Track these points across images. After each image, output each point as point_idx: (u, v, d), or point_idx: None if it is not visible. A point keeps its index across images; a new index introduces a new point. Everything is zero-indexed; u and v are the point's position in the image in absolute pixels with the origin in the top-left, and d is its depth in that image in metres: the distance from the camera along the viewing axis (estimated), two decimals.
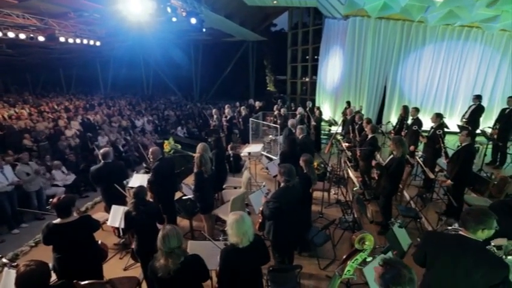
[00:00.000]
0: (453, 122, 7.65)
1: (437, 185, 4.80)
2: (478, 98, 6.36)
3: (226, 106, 9.85)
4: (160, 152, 4.31)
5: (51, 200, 2.81)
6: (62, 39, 8.07)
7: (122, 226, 3.54)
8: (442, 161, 5.23)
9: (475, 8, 6.22)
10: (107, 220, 3.81)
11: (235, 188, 5.05)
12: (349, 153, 5.56)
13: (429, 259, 1.95)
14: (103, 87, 21.64)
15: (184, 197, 3.82)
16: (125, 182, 4.86)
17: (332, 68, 11.54)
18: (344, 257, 1.66)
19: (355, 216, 4.19)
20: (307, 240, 3.67)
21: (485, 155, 5.57)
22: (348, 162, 5.01)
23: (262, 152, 6.69)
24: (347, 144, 5.80)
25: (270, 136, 8.23)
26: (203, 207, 3.82)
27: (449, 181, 4.04)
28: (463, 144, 4.02)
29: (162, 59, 19.67)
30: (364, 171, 5.15)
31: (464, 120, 6.14)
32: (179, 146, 6.07)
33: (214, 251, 2.57)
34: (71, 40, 8.40)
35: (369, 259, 1.56)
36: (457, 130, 6.46)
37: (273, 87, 22.82)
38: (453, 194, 3.97)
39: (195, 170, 3.69)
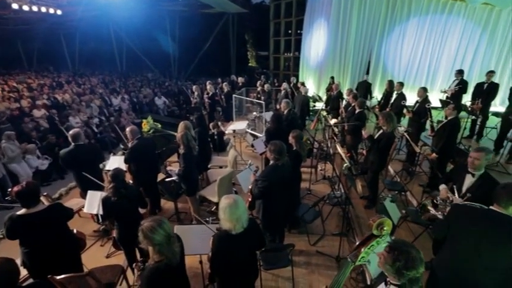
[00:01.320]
0: (433, 97, 7.78)
1: (420, 159, 4.92)
2: (461, 73, 6.44)
3: (207, 82, 9.36)
4: (138, 131, 3.98)
5: (9, 189, 2.49)
6: (14, 6, 7.05)
7: (100, 213, 3.30)
8: (424, 135, 5.33)
9: None
10: (83, 207, 3.52)
11: (220, 167, 4.87)
12: (336, 129, 5.49)
13: (453, 232, 1.91)
14: (70, 63, 19.84)
15: (167, 179, 3.58)
16: (101, 165, 4.53)
17: (316, 43, 11.20)
18: (357, 243, 1.56)
19: (345, 191, 4.19)
20: (297, 217, 3.64)
21: (464, 128, 5.73)
22: (335, 137, 4.94)
23: (247, 130, 6.48)
24: (335, 120, 5.72)
25: (254, 113, 7.97)
26: (189, 188, 3.63)
27: (434, 154, 4.10)
28: (449, 118, 4.05)
29: (136, 33, 18.18)
30: (351, 146, 5.13)
31: (446, 95, 6.22)
32: (159, 125, 5.69)
33: (205, 234, 2.42)
34: (25, 7, 7.37)
35: (384, 244, 1.47)
36: (439, 105, 6.59)
37: (254, 63, 22.10)
38: (437, 166, 4.06)
39: (182, 150, 3.43)
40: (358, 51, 9.40)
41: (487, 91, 5.70)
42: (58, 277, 2.07)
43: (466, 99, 6.51)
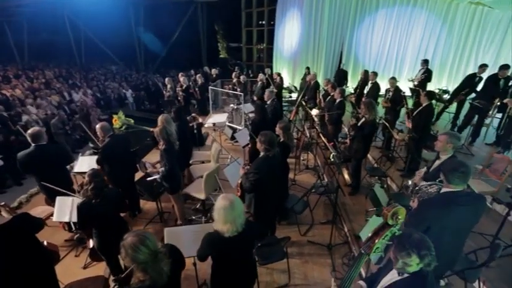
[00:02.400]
0: (401, 85, 8.19)
1: (396, 145, 5.16)
2: (426, 62, 6.83)
3: (180, 74, 8.90)
4: (109, 128, 3.62)
5: None
6: None
7: (74, 220, 2.96)
8: (399, 122, 5.59)
9: None
10: (51, 215, 3.13)
11: (202, 162, 4.65)
12: (316, 119, 5.52)
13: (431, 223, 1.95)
14: (18, 55, 17.67)
15: (149, 178, 3.30)
16: (68, 167, 4.07)
17: (289, 33, 11.17)
18: (370, 234, 1.51)
19: (336, 180, 4.23)
20: (287, 208, 3.60)
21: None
22: (317, 128, 4.96)
23: (227, 123, 6.28)
24: (315, 110, 5.75)
25: (232, 105, 7.76)
26: (172, 186, 3.39)
27: (401, 135, 4.29)
28: (424, 104, 4.24)
29: (95, 22, 16.63)
30: (333, 135, 5.20)
31: (414, 83, 6.55)
32: (132, 121, 5.28)
33: (198, 234, 2.25)
34: None
35: (398, 233, 1.44)
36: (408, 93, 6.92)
37: (226, 54, 21.58)
38: (414, 151, 4.26)
39: (162, 146, 3.17)
40: (331, 41, 9.55)
41: (476, 83, 6.05)
42: None
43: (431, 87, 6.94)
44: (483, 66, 5.20)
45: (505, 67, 5.06)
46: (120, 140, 3.70)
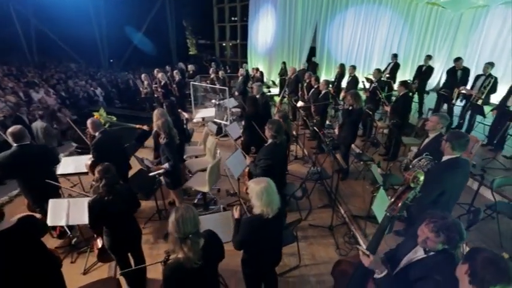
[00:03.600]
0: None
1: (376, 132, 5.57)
2: (395, 56, 7.43)
3: (156, 71, 8.56)
4: (100, 123, 3.41)
5: None
6: None
7: (72, 223, 2.78)
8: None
9: None
10: None
11: (196, 157, 4.58)
12: (302, 111, 5.73)
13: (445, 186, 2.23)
14: None
15: (150, 174, 3.19)
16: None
17: (264, 29, 11.29)
18: (393, 199, 1.66)
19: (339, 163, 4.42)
20: (285, 195, 3.72)
21: None
22: (306, 119, 5.16)
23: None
24: (301, 102, 5.95)
25: (213, 101, 7.68)
26: (174, 181, 3.33)
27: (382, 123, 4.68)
28: (401, 94, 4.65)
29: (47, 13, 15.10)
30: (321, 124, 5.44)
31: (387, 75, 7.09)
32: (114, 118, 5.00)
33: (216, 223, 2.27)
34: None
35: (419, 195, 1.61)
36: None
37: (195, 51, 21.08)
38: (395, 136, 4.66)
39: (164, 140, 3.08)
40: (305, 36, 9.87)
41: (423, 72, 6.74)
42: None
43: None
44: (459, 60, 5.75)
45: (457, 59, 5.75)
46: (112, 136, 3.51)
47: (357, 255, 1.84)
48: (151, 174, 3.11)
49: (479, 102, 4.98)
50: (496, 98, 5.28)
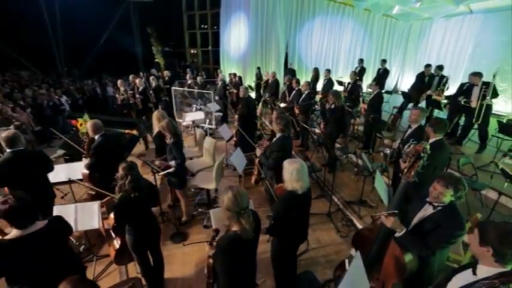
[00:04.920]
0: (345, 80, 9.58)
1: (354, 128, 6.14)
2: (361, 61, 8.26)
3: (131, 77, 8.36)
4: (101, 126, 3.32)
5: None
6: None
7: (80, 229, 2.69)
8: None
9: None
10: None
11: (191, 158, 4.61)
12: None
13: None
14: None
15: (160, 173, 3.18)
16: None
17: (236, 36, 11.59)
18: (406, 169, 1.98)
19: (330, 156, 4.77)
20: None
21: None
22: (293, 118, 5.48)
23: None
24: (283, 104, 6.30)
25: (195, 106, 7.69)
26: (180, 181, 3.36)
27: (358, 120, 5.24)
28: (374, 93, 5.24)
29: None
30: (305, 123, 5.82)
31: (357, 77, 7.83)
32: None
33: None
34: None
35: (426, 163, 1.95)
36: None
37: (161, 58, 20.59)
38: (370, 131, 5.22)
39: (171, 140, 3.13)
40: (278, 43, 10.38)
41: (383, 75, 7.60)
42: None
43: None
44: (429, 66, 6.58)
45: (427, 66, 6.60)
46: (112, 139, 3.44)
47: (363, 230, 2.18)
48: (160, 174, 3.12)
49: (438, 98, 5.79)
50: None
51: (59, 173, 3.60)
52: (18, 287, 1.72)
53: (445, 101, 5.94)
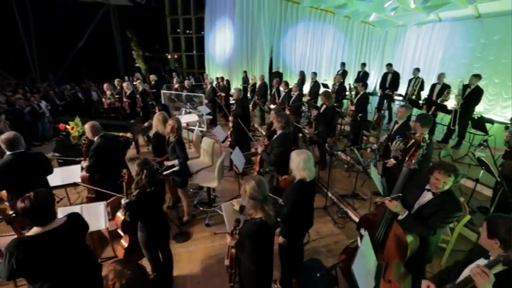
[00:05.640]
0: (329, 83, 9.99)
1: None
2: (343, 65, 8.67)
3: (116, 81, 8.20)
4: (100, 127, 3.30)
5: None
6: None
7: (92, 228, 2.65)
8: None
9: None
10: None
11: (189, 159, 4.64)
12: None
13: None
14: None
15: (164, 172, 3.20)
16: None
17: (221, 40, 11.73)
18: (407, 157, 2.18)
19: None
20: None
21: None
22: None
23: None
24: (273, 105, 6.49)
25: (184, 109, 7.69)
26: (183, 180, 3.40)
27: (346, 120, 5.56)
28: (361, 93, 5.57)
29: None
30: (297, 123, 6.03)
31: (341, 80, 8.21)
32: None
33: None
34: None
35: (424, 152, 2.16)
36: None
37: (142, 63, 20.21)
38: (357, 129, 5.54)
39: (175, 138, 3.18)
40: (263, 48, 10.65)
41: (363, 77, 8.05)
42: None
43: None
44: (391, 66, 7.15)
45: (388, 65, 7.22)
46: (111, 140, 3.41)
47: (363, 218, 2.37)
48: (165, 173, 3.15)
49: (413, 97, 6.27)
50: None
51: (55, 177, 3.51)
52: (39, 285, 1.72)
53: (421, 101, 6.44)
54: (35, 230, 1.70)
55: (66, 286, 1.80)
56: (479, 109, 8.17)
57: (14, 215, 2.04)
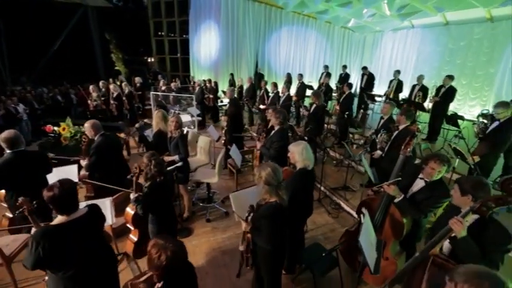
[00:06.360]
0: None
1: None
2: (327, 67, 9.08)
3: (101, 82, 8.05)
4: (101, 126, 3.31)
5: (20, 199, 1.80)
6: None
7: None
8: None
9: (319, 0, 8.59)
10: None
11: None
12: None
13: None
14: None
15: (168, 168, 3.25)
16: None
17: (207, 43, 11.81)
18: (403, 146, 2.40)
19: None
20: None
21: None
22: None
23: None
24: (262, 106, 6.70)
25: (172, 110, 7.68)
26: (186, 176, 3.48)
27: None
28: (346, 93, 5.92)
29: None
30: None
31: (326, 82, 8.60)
32: (82, 128, 4.62)
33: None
34: None
35: (417, 142, 2.42)
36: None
37: (122, 66, 19.71)
38: (344, 126, 5.88)
39: (178, 134, 3.26)
40: (249, 51, 10.88)
41: (344, 79, 8.51)
42: None
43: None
44: (366, 68, 7.68)
45: (364, 68, 7.85)
46: (112, 139, 3.42)
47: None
48: (169, 169, 3.20)
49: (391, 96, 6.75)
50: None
51: (51, 178, 3.45)
52: (62, 274, 1.75)
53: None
54: (59, 219, 1.74)
55: (87, 275, 1.84)
56: (450, 108, 8.94)
57: (35, 205, 2.03)
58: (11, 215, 3.06)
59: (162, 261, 1.30)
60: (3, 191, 2.88)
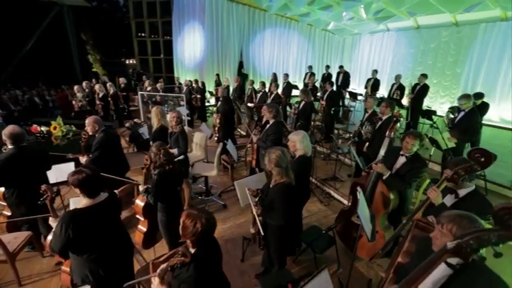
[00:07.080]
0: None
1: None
2: (310, 68, 9.49)
3: (84, 83, 7.87)
4: (102, 122, 3.35)
5: (43, 186, 1.87)
6: None
7: None
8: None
9: (302, 3, 8.95)
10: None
11: None
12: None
13: None
14: None
15: None
16: None
17: (191, 44, 11.80)
18: (388, 130, 2.72)
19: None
20: None
21: None
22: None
23: None
24: (250, 104, 6.91)
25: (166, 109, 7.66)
26: (187, 170, 3.59)
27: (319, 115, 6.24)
28: (329, 90, 6.28)
29: None
30: None
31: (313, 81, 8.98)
32: (73, 127, 4.59)
33: (263, 181, 2.86)
34: None
35: (401, 128, 2.74)
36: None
37: (100, 68, 19.10)
38: (329, 123, 6.23)
39: (178, 129, 3.37)
40: (233, 52, 11.05)
41: (327, 78, 8.95)
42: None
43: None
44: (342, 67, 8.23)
45: (340, 67, 8.46)
46: (113, 135, 3.46)
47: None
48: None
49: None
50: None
51: (51, 175, 3.42)
52: (87, 256, 1.84)
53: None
54: (85, 202, 1.83)
55: (109, 258, 1.94)
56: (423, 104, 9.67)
57: (54, 195, 2.09)
58: (9, 213, 3.01)
59: (197, 228, 1.45)
60: (2, 189, 2.84)
